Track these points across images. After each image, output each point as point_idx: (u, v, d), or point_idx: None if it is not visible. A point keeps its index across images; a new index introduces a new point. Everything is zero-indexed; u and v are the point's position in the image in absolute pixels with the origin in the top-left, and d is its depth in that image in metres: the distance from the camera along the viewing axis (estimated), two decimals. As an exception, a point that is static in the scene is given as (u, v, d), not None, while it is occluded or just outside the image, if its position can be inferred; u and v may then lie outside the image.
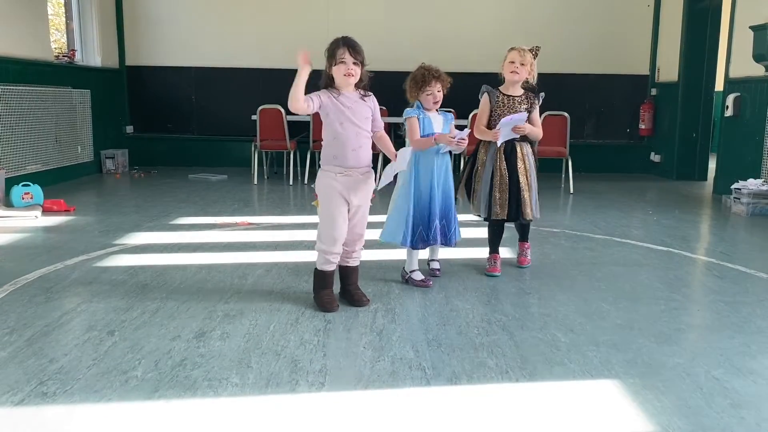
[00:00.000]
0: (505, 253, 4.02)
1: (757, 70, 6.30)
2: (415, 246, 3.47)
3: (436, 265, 3.72)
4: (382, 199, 3.79)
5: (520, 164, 3.64)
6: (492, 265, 3.75)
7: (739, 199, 5.78)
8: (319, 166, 3.13)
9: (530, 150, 3.73)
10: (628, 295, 3.40)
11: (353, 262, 3.18)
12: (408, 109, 3.45)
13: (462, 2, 8.56)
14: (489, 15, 8.57)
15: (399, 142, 3.47)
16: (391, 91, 7.64)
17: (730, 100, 6.69)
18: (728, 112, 6.72)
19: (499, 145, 3.59)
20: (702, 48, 7.95)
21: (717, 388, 2.31)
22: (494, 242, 3.81)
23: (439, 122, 3.45)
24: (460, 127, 3.44)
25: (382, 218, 3.59)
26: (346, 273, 3.19)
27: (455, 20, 8.53)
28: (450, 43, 8.30)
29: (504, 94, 3.67)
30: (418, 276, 3.49)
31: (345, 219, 3.05)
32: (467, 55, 8.33)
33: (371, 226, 3.24)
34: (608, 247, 4.46)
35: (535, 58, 3.61)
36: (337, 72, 2.97)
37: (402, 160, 3.13)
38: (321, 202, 3.06)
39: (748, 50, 6.30)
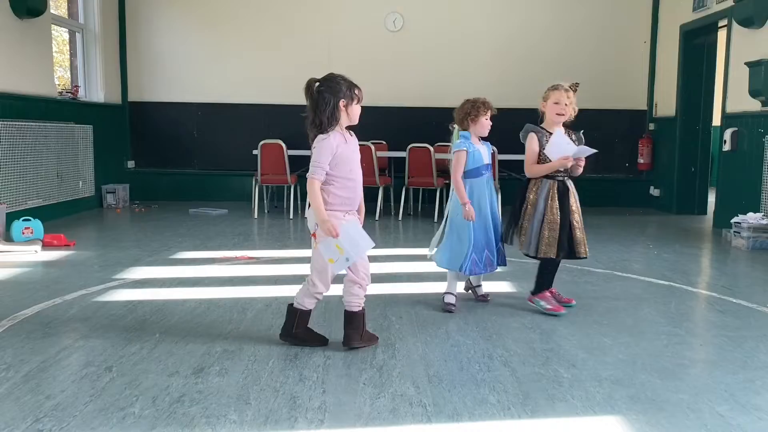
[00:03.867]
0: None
1: (753, 105, 6.36)
2: (474, 272, 3.62)
3: (482, 291, 3.88)
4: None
5: (573, 202, 3.61)
6: (553, 305, 3.63)
7: (739, 233, 5.78)
8: None
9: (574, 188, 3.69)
10: (630, 330, 3.37)
11: None
12: (458, 141, 3.56)
13: (462, 38, 8.67)
14: (489, 52, 8.68)
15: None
16: (394, 125, 7.76)
17: (727, 134, 6.74)
18: (726, 147, 6.76)
19: (569, 166, 3.55)
20: (699, 83, 8.04)
21: (722, 425, 2.28)
22: (549, 280, 3.72)
23: (485, 152, 3.63)
24: None
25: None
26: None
27: (456, 56, 8.63)
28: (450, 78, 8.38)
29: (548, 131, 3.63)
30: (451, 299, 3.66)
31: None
32: (466, 89, 8.40)
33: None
34: (609, 282, 4.44)
35: (574, 93, 3.59)
36: (358, 111, 2.92)
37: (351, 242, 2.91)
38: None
39: (744, 86, 6.37)
